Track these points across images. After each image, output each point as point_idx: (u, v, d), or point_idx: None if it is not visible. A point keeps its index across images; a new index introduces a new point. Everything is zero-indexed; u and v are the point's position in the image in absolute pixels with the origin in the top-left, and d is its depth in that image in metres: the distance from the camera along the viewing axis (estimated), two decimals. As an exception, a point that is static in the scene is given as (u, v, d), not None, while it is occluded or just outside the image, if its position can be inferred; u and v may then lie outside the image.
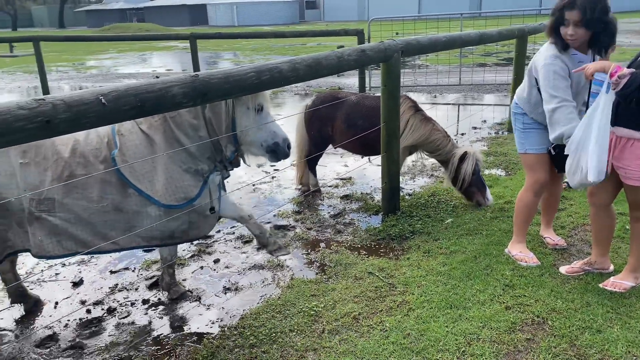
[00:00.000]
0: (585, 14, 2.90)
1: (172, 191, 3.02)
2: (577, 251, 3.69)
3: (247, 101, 3.14)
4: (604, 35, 3.00)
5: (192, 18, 57.67)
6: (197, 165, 3.12)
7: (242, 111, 3.16)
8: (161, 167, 3.03)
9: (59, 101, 2.08)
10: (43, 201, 2.89)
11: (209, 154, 3.17)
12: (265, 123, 3.22)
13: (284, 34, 11.54)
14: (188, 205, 3.06)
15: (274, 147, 3.22)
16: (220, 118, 3.13)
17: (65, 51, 26.29)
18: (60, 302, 3.56)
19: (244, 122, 3.17)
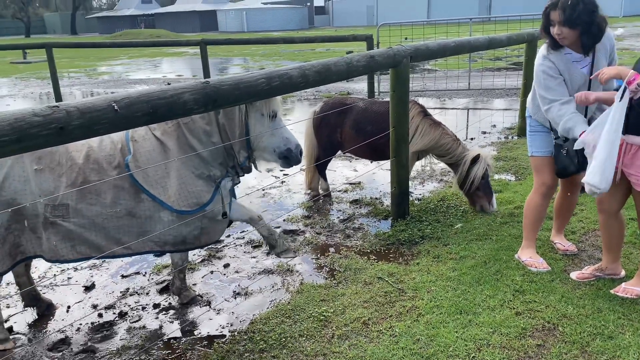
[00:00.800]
0: (565, 13, 2.97)
1: (185, 197, 3.06)
2: (588, 257, 3.67)
3: (261, 108, 3.19)
4: (585, 36, 3.04)
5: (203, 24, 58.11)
6: (210, 171, 3.16)
7: (256, 117, 3.21)
8: (174, 172, 3.07)
9: (73, 108, 2.11)
10: (58, 207, 2.94)
11: (221, 159, 3.21)
12: (278, 129, 3.26)
13: (293, 40, 11.59)
14: (200, 210, 3.10)
15: (286, 153, 3.27)
16: (233, 124, 3.18)
17: (77, 57, 26.60)
18: (73, 306, 3.60)
19: (258, 128, 3.22)
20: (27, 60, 24.88)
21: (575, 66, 3.19)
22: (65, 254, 3.00)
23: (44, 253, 3.00)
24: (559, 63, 3.18)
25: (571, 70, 3.19)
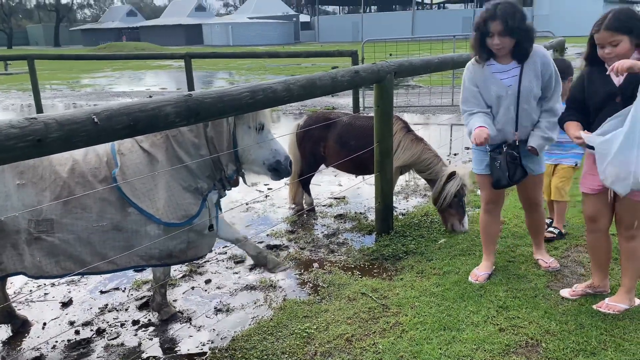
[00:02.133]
0: (507, 23, 3.06)
1: (173, 209, 3.03)
2: (571, 272, 3.68)
3: (248, 120, 3.18)
4: (525, 42, 3.15)
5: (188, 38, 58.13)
6: (197, 184, 3.15)
7: (243, 130, 3.20)
8: (162, 185, 3.04)
9: (51, 120, 2.07)
10: (42, 222, 2.88)
11: (209, 172, 3.20)
12: (266, 141, 3.25)
13: (278, 54, 11.63)
14: (188, 223, 3.08)
15: (275, 165, 3.26)
16: (221, 137, 3.17)
17: (60, 69, 26.37)
18: (49, 323, 3.50)
19: (246, 140, 3.21)
20: (8, 71, 24.60)
21: (495, 77, 3.27)
22: (49, 270, 2.94)
23: (26, 270, 2.94)
24: (479, 74, 3.30)
25: (488, 82, 3.27)
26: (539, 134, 3.30)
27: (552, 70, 3.26)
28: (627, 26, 2.71)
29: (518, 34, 3.11)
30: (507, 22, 3.06)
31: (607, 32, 2.72)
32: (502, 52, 3.21)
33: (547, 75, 3.24)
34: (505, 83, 3.24)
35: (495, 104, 3.32)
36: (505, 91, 3.24)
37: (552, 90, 3.28)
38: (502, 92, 3.25)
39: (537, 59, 3.22)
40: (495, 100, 3.29)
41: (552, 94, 3.29)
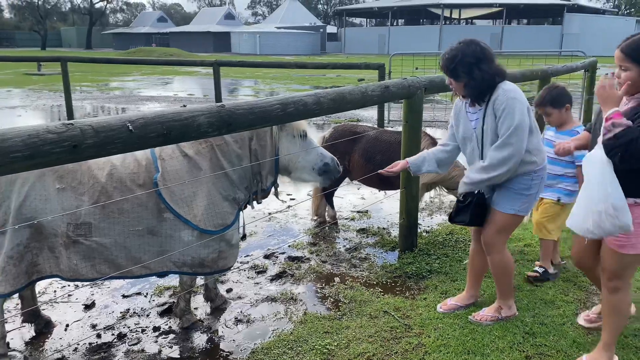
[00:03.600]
0: (447, 68, 3.05)
1: (212, 217, 3.10)
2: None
3: (292, 130, 3.31)
4: (467, 87, 3.04)
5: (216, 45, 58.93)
6: (235, 194, 3.23)
7: (288, 140, 3.32)
8: (204, 192, 3.11)
9: (87, 126, 2.09)
10: (80, 225, 2.95)
11: (247, 183, 3.29)
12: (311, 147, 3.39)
13: (305, 65, 11.68)
14: (222, 231, 3.13)
15: (325, 167, 3.39)
16: (265, 150, 3.27)
17: (91, 72, 26.92)
18: (71, 325, 3.53)
19: (292, 149, 3.33)
20: (41, 72, 25.21)
21: (467, 116, 3.20)
22: (85, 273, 3.01)
23: (61, 272, 3.00)
24: (456, 108, 3.29)
25: (460, 118, 3.24)
26: (464, 177, 3.21)
27: (503, 107, 2.93)
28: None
29: (460, 77, 3.02)
30: (447, 67, 3.04)
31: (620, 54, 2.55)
32: (458, 93, 3.18)
33: (499, 113, 2.97)
34: (472, 125, 3.16)
35: (462, 145, 3.29)
36: (470, 133, 3.16)
37: (502, 131, 2.95)
38: (468, 134, 3.19)
39: (494, 97, 2.99)
40: (462, 140, 3.26)
41: (501, 135, 2.96)
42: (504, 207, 3.12)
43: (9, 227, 2.85)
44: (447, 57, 3.02)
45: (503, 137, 2.94)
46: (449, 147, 3.40)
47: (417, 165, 3.41)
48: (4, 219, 2.89)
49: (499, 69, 3.01)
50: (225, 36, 59.93)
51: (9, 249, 2.88)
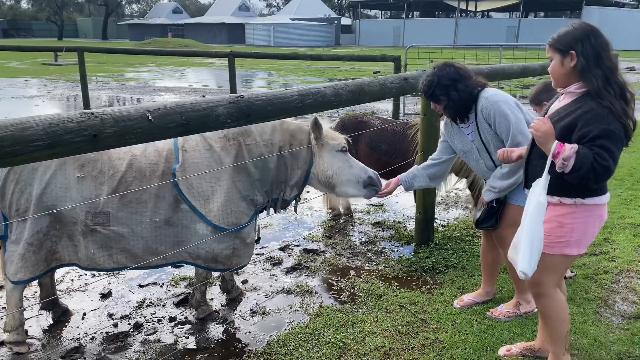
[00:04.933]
0: (427, 95, 3.14)
1: (227, 214, 3.08)
2: (622, 299, 3.51)
3: (334, 145, 3.31)
4: (447, 108, 3.10)
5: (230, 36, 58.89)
6: (255, 195, 3.21)
7: (331, 154, 3.32)
8: (224, 188, 3.09)
9: (107, 116, 2.07)
10: (99, 214, 2.97)
11: (268, 188, 3.26)
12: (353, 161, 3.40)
13: (320, 57, 11.59)
14: (234, 230, 3.09)
15: (369, 181, 3.32)
16: (296, 162, 3.27)
17: (106, 62, 27.07)
18: (88, 314, 3.55)
19: (335, 164, 3.32)
20: (58, 62, 25.40)
21: (461, 131, 3.21)
22: (102, 262, 3.03)
23: (79, 261, 3.03)
24: (446, 126, 3.30)
25: (454, 134, 3.24)
26: (487, 185, 3.17)
27: (492, 113, 2.96)
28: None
29: (439, 99, 3.09)
30: (426, 92, 3.12)
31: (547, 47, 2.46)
32: (445, 115, 3.21)
33: (491, 120, 2.99)
34: (469, 138, 3.18)
35: (464, 157, 3.31)
36: (470, 146, 3.18)
37: (505, 135, 2.95)
38: (467, 147, 3.20)
39: (479, 108, 3.03)
40: (462, 155, 3.29)
41: (506, 139, 2.95)
42: (517, 199, 3.08)
43: (30, 214, 2.87)
44: (424, 84, 3.13)
45: (509, 140, 2.94)
46: (440, 160, 3.41)
47: (409, 182, 3.43)
48: (25, 206, 2.91)
49: (477, 83, 3.08)
50: (239, 27, 59.84)
51: (29, 236, 2.90)
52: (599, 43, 2.34)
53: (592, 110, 2.27)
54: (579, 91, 2.36)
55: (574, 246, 2.46)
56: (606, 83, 2.30)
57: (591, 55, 2.31)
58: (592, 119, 2.26)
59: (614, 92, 2.29)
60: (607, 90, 2.28)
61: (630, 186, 5.94)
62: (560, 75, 2.41)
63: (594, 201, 2.40)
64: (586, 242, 2.50)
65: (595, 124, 2.25)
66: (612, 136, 2.23)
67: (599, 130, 2.23)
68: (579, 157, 2.21)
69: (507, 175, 3.01)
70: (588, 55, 2.31)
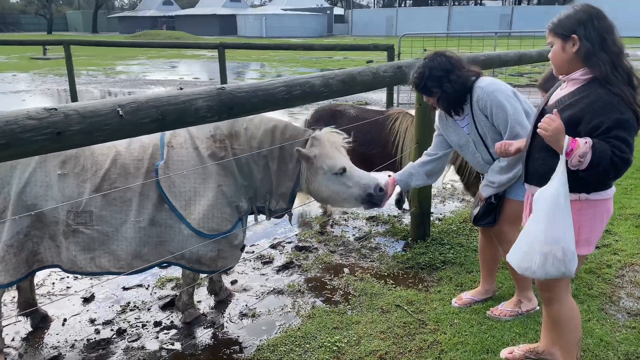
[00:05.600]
0: (418, 88, 2.97)
1: (208, 219, 2.91)
2: (627, 294, 3.37)
3: (330, 168, 3.09)
4: (441, 100, 2.94)
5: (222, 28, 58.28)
6: (240, 201, 3.05)
7: (326, 177, 3.11)
8: (209, 192, 2.93)
9: (72, 111, 1.89)
10: (81, 214, 2.82)
11: (252, 195, 3.12)
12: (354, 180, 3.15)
13: (312, 47, 11.36)
14: (214, 237, 2.93)
15: (368, 198, 3.13)
16: (282, 174, 3.08)
17: (96, 56, 26.69)
18: (69, 319, 3.38)
19: (332, 187, 3.12)
20: (46, 56, 25.00)
21: (456, 124, 3.04)
22: (83, 265, 2.87)
23: (62, 263, 2.89)
24: (442, 117, 3.14)
25: (449, 127, 3.09)
26: (485, 180, 3.00)
27: (491, 104, 2.80)
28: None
29: (432, 92, 2.92)
30: (418, 85, 2.95)
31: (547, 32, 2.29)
32: (438, 107, 3.05)
33: (487, 112, 2.83)
34: (465, 131, 3.02)
35: (460, 151, 3.16)
36: (466, 139, 3.02)
37: (502, 126, 2.79)
38: (463, 141, 3.04)
39: (474, 99, 2.88)
40: (458, 148, 3.13)
41: (504, 131, 2.79)
42: (516, 194, 2.92)
43: (9, 214, 2.71)
44: (415, 76, 2.96)
45: (507, 131, 2.78)
46: (437, 155, 3.24)
47: (405, 182, 3.27)
48: (3, 205, 2.75)
49: (471, 72, 2.90)
50: (230, 19, 59.20)
51: (8, 237, 2.74)
52: (603, 26, 2.17)
53: (601, 98, 2.10)
54: (583, 78, 2.19)
55: (584, 245, 2.30)
56: (613, 68, 2.13)
57: (595, 38, 2.14)
58: (602, 108, 2.09)
59: (622, 78, 2.12)
60: (615, 76, 2.12)
61: (630, 175, 5.80)
62: (562, 62, 2.25)
63: (599, 196, 2.24)
64: (595, 240, 2.34)
65: (607, 114, 2.08)
66: (626, 126, 2.07)
67: (612, 121, 2.06)
68: (596, 152, 2.04)
69: (506, 169, 2.84)
70: (592, 38, 2.14)
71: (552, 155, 2.23)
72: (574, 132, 2.13)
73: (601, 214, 2.29)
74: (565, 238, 2.15)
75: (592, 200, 2.24)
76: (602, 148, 2.05)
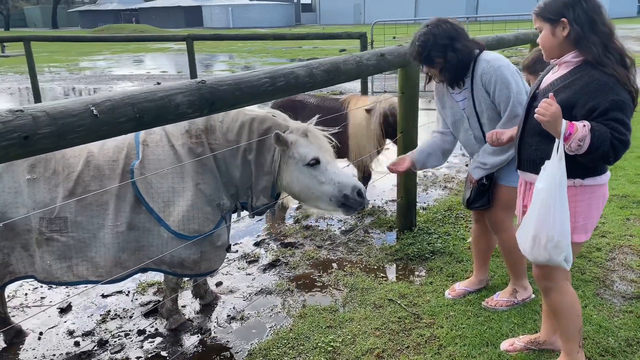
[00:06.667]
0: (420, 57, 2.80)
1: (189, 220, 2.73)
2: (620, 278, 3.35)
3: (302, 158, 2.84)
4: (444, 71, 2.80)
5: (187, 20, 57.16)
6: (221, 199, 2.86)
7: (297, 168, 2.85)
8: (187, 191, 2.75)
9: (41, 113, 1.71)
10: (55, 220, 2.63)
11: (234, 192, 2.93)
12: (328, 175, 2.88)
13: (284, 36, 11.15)
14: (195, 238, 2.76)
15: (343, 200, 2.83)
16: (261, 169, 2.86)
17: (58, 52, 25.84)
18: (45, 333, 3.18)
19: (302, 180, 2.86)
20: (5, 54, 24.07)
21: (452, 97, 2.94)
22: (60, 275, 2.69)
23: (36, 273, 2.70)
24: (440, 92, 3.03)
25: (446, 102, 2.99)
26: (475, 161, 2.92)
27: (496, 79, 2.71)
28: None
29: (436, 62, 2.77)
30: (421, 54, 2.78)
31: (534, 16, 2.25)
32: (440, 79, 2.90)
33: (491, 88, 2.73)
34: (460, 106, 2.92)
35: (453, 127, 3.05)
36: (461, 115, 2.93)
37: (504, 104, 2.71)
38: (458, 116, 2.95)
39: (477, 73, 2.78)
40: (452, 123, 3.03)
41: (504, 109, 2.72)
42: (510, 180, 2.84)
43: None
44: (418, 44, 2.76)
45: (507, 110, 2.69)
46: (450, 136, 3.12)
47: (423, 162, 3.14)
48: None
49: (475, 43, 2.80)
50: (196, 10, 58.07)
51: None
52: (591, 7, 2.12)
53: (596, 80, 2.06)
54: (576, 60, 2.15)
55: (581, 231, 2.25)
56: (605, 50, 2.09)
57: (585, 21, 2.10)
58: (597, 90, 2.05)
59: (614, 59, 2.08)
60: (607, 58, 2.07)
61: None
62: (553, 47, 2.19)
63: (594, 181, 2.19)
64: (592, 226, 2.30)
65: (603, 95, 2.03)
66: (623, 107, 2.03)
67: (609, 103, 2.02)
68: (595, 135, 1.99)
69: (499, 151, 2.76)
70: (581, 21, 2.10)
71: (545, 140, 2.18)
72: (568, 116, 2.08)
73: (597, 200, 2.24)
74: (552, 226, 2.11)
75: (588, 186, 2.19)
76: (601, 130, 2.00)
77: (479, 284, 3.31)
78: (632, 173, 5.25)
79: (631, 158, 5.70)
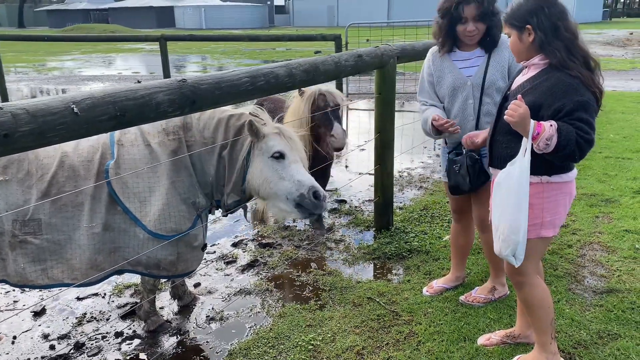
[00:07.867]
0: (484, 6, 2.76)
1: (165, 219, 2.70)
2: (590, 273, 3.46)
3: (268, 149, 2.78)
4: (496, 28, 2.83)
5: (159, 20, 56.42)
6: (197, 197, 2.82)
7: (263, 161, 2.78)
8: (162, 190, 2.71)
9: (21, 110, 1.69)
10: (28, 222, 2.56)
11: (209, 191, 2.90)
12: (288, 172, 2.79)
13: (258, 38, 11.16)
14: (171, 238, 2.74)
15: (299, 199, 2.72)
16: (234, 165, 2.82)
17: (25, 52, 25.22)
18: (19, 337, 3.11)
19: (265, 172, 2.78)
20: (-31, 53, 23.36)
21: (454, 65, 2.93)
22: (34, 278, 2.62)
23: (8, 277, 2.63)
24: (437, 63, 2.99)
25: (445, 71, 2.95)
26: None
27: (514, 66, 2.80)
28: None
29: (490, 19, 2.80)
30: (484, 5, 2.75)
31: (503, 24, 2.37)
32: (474, 39, 2.86)
33: (514, 68, 2.78)
34: (465, 73, 2.89)
35: (448, 97, 2.96)
36: (464, 82, 2.88)
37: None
38: (459, 83, 2.89)
39: (504, 48, 2.84)
40: (449, 92, 2.94)
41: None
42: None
43: None
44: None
45: None
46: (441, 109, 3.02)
47: None
48: None
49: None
50: (168, 11, 57.37)
51: None
52: (554, 13, 2.22)
53: (561, 82, 2.16)
54: (542, 62, 2.25)
55: (549, 227, 2.34)
56: (569, 53, 2.20)
57: (548, 27, 2.21)
58: (562, 91, 2.15)
59: (579, 62, 2.19)
60: (571, 61, 2.18)
61: (576, 156, 6.01)
62: (521, 51, 2.31)
63: (561, 179, 2.29)
64: (559, 222, 2.39)
65: (568, 96, 2.14)
66: (587, 107, 2.13)
67: (574, 103, 2.12)
68: (562, 134, 2.08)
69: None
70: (545, 27, 2.20)
71: (516, 139, 2.27)
72: (536, 117, 2.19)
73: (564, 196, 2.33)
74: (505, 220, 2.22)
75: (554, 183, 2.29)
76: (567, 130, 2.09)
77: (456, 281, 3.37)
78: (599, 172, 5.42)
79: (599, 158, 5.89)
